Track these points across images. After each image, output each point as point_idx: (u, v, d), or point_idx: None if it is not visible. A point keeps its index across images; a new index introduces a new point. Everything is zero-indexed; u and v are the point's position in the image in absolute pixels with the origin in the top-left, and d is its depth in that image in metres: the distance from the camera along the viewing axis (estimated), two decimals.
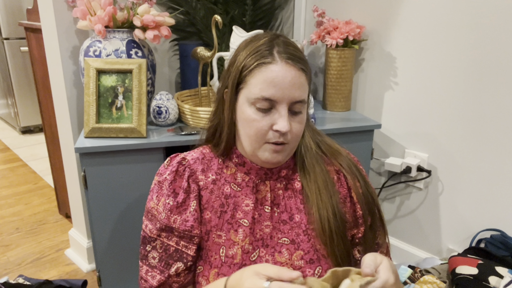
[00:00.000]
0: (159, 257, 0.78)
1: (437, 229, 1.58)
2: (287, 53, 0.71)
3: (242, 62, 0.73)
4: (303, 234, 0.78)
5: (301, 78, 0.71)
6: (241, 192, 0.80)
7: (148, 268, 0.79)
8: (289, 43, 0.74)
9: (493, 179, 1.39)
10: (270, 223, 0.79)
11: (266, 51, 0.72)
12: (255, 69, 0.71)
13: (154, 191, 0.80)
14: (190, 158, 0.81)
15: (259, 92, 0.70)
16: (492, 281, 1.14)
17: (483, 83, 1.35)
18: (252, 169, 0.80)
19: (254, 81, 0.71)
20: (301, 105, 0.73)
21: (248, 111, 0.72)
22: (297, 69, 0.71)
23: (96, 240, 1.28)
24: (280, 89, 0.69)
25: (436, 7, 1.41)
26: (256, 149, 0.74)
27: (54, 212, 2.24)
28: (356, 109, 1.74)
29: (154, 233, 0.78)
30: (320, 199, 0.77)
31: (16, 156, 3.11)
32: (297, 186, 0.81)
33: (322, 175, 0.79)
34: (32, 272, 1.74)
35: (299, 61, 0.72)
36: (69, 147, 1.61)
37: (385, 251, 0.85)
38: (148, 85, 1.38)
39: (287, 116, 0.71)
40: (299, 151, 0.81)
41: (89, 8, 1.31)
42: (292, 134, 0.73)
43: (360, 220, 0.81)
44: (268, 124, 0.71)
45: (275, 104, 0.71)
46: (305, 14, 1.84)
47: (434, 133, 1.51)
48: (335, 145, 0.85)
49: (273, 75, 0.70)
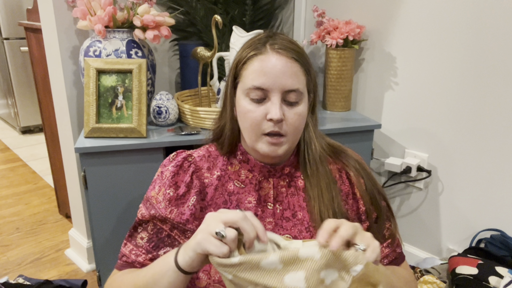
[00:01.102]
0: (148, 238, 0.78)
1: (437, 229, 1.58)
2: (279, 44, 0.73)
3: (238, 57, 0.76)
4: (306, 231, 0.78)
5: (293, 67, 0.72)
6: (244, 189, 0.80)
7: (133, 247, 0.79)
8: (285, 38, 0.75)
9: (493, 179, 1.39)
10: (272, 219, 0.79)
11: (259, 44, 0.74)
12: (247, 61, 0.73)
13: (157, 181, 0.80)
14: (196, 155, 0.82)
15: (251, 82, 0.72)
16: (492, 281, 1.14)
17: (483, 83, 1.35)
18: (255, 166, 0.80)
19: (247, 73, 0.73)
20: (296, 95, 0.72)
21: (243, 103, 0.74)
22: (288, 58, 0.71)
23: (96, 240, 1.28)
24: (270, 78, 0.70)
25: (436, 7, 1.41)
26: (255, 142, 0.75)
27: (54, 212, 2.24)
28: (356, 109, 1.74)
29: (146, 217, 0.78)
30: (322, 201, 0.77)
31: (16, 156, 3.11)
32: (300, 184, 0.82)
33: (325, 176, 0.79)
34: (32, 272, 1.74)
35: (291, 50, 0.72)
36: (69, 147, 1.61)
37: (396, 244, 0.85)
38: (148, 85, 1.38)
39: (279, 104, 0.71)
40: (302, 150, 0.80)
41: (89, 8, 1.31)
42: (288, 125, 0.73)
43: (363, 216, 0.82)
44: (262, 114, 0.72)
45: (268, 94, 0.72)
46: (305, 14, 1.84)
47: (434, 133, 1.51)
48: (339, 145, 0.85)
49: (263, 64, 0.71)
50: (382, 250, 0.83)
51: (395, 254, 0.84)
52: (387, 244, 0.83)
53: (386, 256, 0.83)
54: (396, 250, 0.85)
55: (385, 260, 0.83)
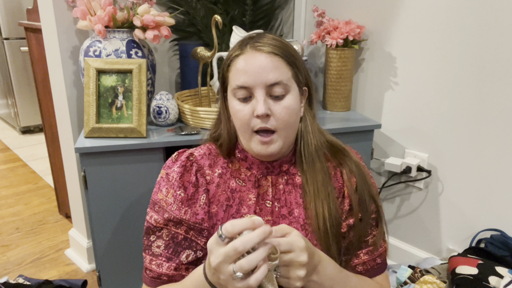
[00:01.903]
0: (165, 245, 0.77)
1: (437, 229, 1.58)
2: (260, 42, 0.74)
3: (224, 60, 0.79)
4: (301, 228, 0.79)
5: (274, 61, 0.73)
6: (245, 187, 0.81)
7: (152, 258, 0.78)
8: (269, 36, 0.76)
9: (493, 179, 1.39)
10: (271, 217, 0.79)
11: (242, 45, 0.76)
12: (231, 63, 0.76)
13: (162, 183, 0.80)
14: (197, 154, 0.82)
15: (235, 82, 0.74)
16: (492, 281, 1.14)
17: (483, 83, 1.35)
18: (253, 164, 0.81)
19: (231, 74, 0.76)
20: (280, 87, 0.73)
21: (232, 104, 0.76)
22: (267, 53, 0.73)
23: (96, 240, 1.28)
24: (251, 75, 0.72)
25: (436, 7, 1.41)
26: (248, 142, 0.76)
27: (54, 212, 2.24)
28: (356, 109, 1.74)
29: (161, 222, 0.77)
30: (318, 196, 0.77)
31: (16, 156, 3.11)
32: (298, 181, 0.82)
33: (322, 172, 0.79)
34: (32, 272, 1.74)
35: (271, 46, 0.73)
36: (69, 147, 1.61)
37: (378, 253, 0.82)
38: (148, 85, 1.38)
39: (263, 99, 0.72)
40: (299, 147, 0.81)
41: (89, 8, 1.31)
42: (277, 120, 0.73)
43: (344, 215, 0.80)
44: (249, 111, 0.73)
45: (252, 91, 0.73)
46: (305, 14, 1.84)
47: (434, 133, 1.51)
48: (339, 143, 0.85)
49: (244, 63, 0.73)
50: (360, 256, 0.80)
51: (373, 264, 0.81)
52: (367, 251, 0.80)
53: (363, 263, 0.80)
54: (376, 259, 0.81)
55: (360, 267, 0.80)
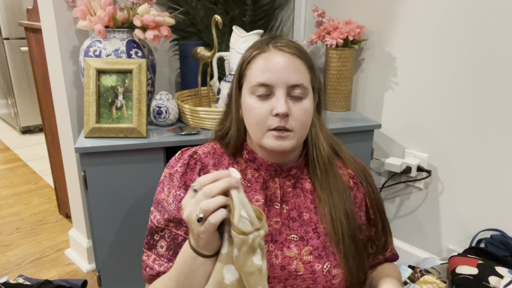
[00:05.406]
0: (167, 246, 0.78)
1: (437, 229, 1.58)
2: (281, 43, 0.75)
3: (242, 58, 0.78)
4: (312, 232, 0.78)
5: (296, 63, 0.73)
6: (251, 188, 0.80)
7: (156, 257, 0.79)
8: (287, 38, 0.78)
9: (493, 179, 1.39)
10: (279, 219, 0.79)
11: (262, 44, 0.77)
12: (251, 60, 0.76)
13: (165, 183, 0.80)
14: (201, 152, 0.82)
15: (256, 79, 0.74)
16: (492, 281, 1.14)
17: (483, 83, 1.35)
18: (262, 165, 0.80)
19: (251, 72, 0.75)
20: (301, 89, 0.74)
21: (249, 101, 0.75)
22: (290, 54, 0.74)
23: (96, 240, 1.29)
24: (274, 73, 0.72)
25: (436, 7, 1.41)
26: (261, 138, 0.75)
27: (54, 212, 2.24)
28: (356, 109, 1.74)
29: (162, 223, 0.78)
30: (332, 200, 0.78)
31: (16, 156, 3.11)
32: (307, 187, 0.82)
33: (334, 178, 0.80)
34: (32, 272, 1.74)
35: (293, 48, 0.75)
36: (69, 147, 1.61)
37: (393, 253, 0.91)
38: (148, 85, 1.38)
39: (284, 98, 0.72)
40: (311, 151, 0.81)
41: (89, 8, 1.31)
42: (294, 120, 0.73)
43: (372, 222, 0.85)
44: (268, 109, 0.73)
45: (273, 90, 0.73)
46: (305, 14, 1.84)
47: (434, 133, 1.51)
48: (347, 151, 0.87)
49: (266, 61, 0.73)
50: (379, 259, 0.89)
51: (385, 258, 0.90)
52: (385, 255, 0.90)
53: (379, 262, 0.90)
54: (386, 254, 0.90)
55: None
